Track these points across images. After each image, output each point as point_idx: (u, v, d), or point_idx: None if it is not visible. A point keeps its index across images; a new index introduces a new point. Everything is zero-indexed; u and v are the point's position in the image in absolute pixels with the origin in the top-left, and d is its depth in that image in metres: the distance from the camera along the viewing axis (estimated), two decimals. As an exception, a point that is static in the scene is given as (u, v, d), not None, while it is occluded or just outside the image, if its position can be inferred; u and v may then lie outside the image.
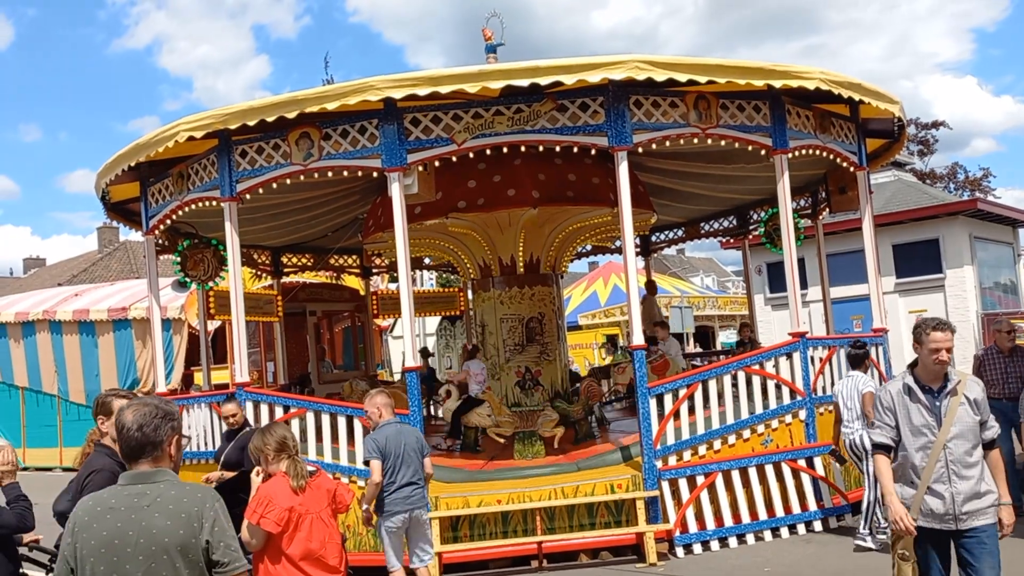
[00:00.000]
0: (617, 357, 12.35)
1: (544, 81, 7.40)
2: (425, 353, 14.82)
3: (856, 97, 8.78)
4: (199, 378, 14.27)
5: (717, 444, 8.21)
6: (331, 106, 7.56)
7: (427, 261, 15.80)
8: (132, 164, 8.86)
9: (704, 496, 7.87)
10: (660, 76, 7.57)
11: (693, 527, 7.75)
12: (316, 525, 4.33)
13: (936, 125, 40.87)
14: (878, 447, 4.35)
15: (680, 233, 14.85)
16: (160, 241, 10.95)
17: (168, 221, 9.67)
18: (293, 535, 4.25)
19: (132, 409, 2.81)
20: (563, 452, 8.94)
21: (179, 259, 11.00)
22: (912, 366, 4.34)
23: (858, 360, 7.73)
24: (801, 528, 8.05)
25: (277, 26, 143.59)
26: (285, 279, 14.44)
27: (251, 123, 7.82)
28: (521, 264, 10.57)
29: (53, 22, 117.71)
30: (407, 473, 5.97)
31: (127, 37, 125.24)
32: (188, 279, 11.18)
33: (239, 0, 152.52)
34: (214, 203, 8.73)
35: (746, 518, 7.94)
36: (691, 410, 8.29)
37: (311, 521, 4.31)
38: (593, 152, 8.84)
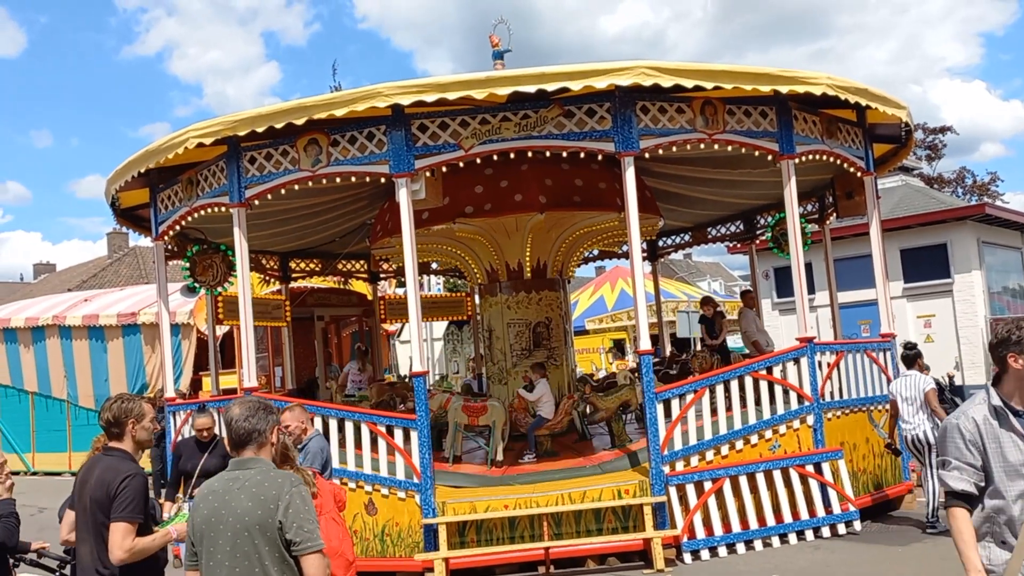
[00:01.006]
0: (621, 378, 11.02)
1: (551, 87, 7.43)
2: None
3: (863, 102, 8.78)
4: (207, 383, 14.31)
5: (725, 449, 8.20)
6: (339, 112, 7.60)
7: (434, 266, 15.83)
8: (142, 170, 8.91)
9: (712, 502, 7.85)
10: (666, 82, 7.58)
11: (701, 533, 7.74)
12: (330, 525, 4.41)
13: (944, 130, 40.76)
14: (955, 496, 3.19)
15: (687, 238, 14.84)
16: (169, 247, 11.00)
17: (177, 227, 9.72)
18: None
19: (239, 403, 3.26)
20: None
21: (188, 264, 11.07)
22: (995, 383, 3.25)
23: (911, 360, 8.30)
24: (809, 534, 8.02)
25: (287, 32, 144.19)
26: (293, 284, 14.48)
27: (260, 129, 7.87)
28: (528, 269, 10.58)
29: (64, 28, 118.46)
30: None
31: (138, 44, 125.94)
32: (197, 284, 11.24)
33: (249, 7, 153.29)
34: (223, 209, 8.77)
35: (754, 524, 7.92)
36: (699, 415, 8.28)
37: (326, 521, 4.38)
38: (600, 157, 8.85)
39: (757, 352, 11.26)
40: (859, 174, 9.92)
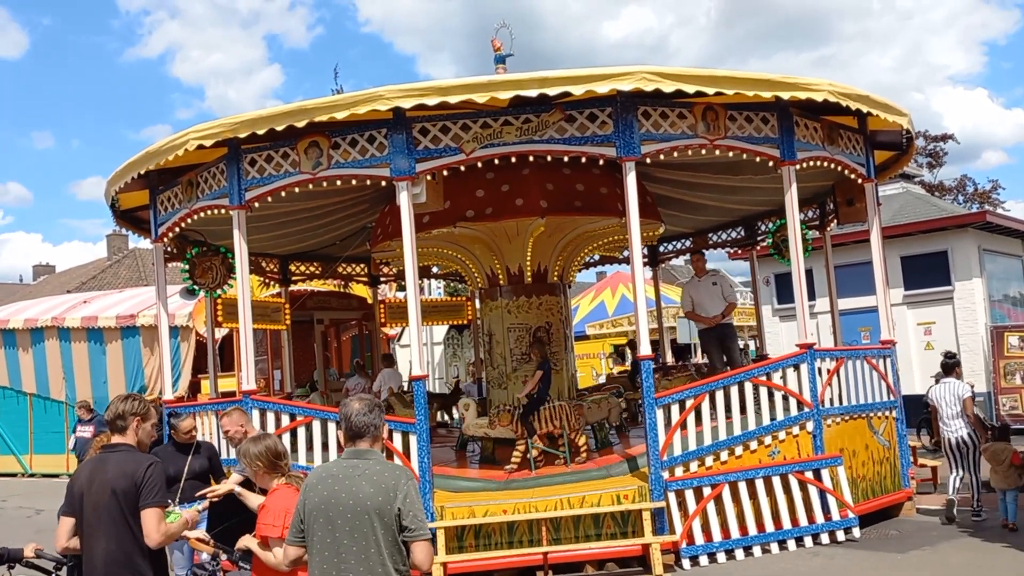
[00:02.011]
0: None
1: (552, 91, 7.43)
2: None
3: (864, 109, 8.78)
4: (206, 386, 14.30)
5: (724, 455, 8.18)
6: (340, 115, 7.60)
7: (435, 270, 15.83)
8: (142, 172, 8.91)
9: (711, 507, 7.83)
10: (668, 87, 7.58)
11: (700, 539, 7.72)
12: None
13: (945, 138, 40.81)
14: None
15: (688, 243, 14.82)
16: (169, 249, 10.99)
17: (177, 229, 9.71)
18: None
19: (357, 400, 3.62)
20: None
21: (187, 267, 11.05)
22: None
23: (950, 368, 8.96)
24: (808, 540, 8.01)
25: (290, 35, 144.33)
26: (293, 287, 14.47)
27: (260, 132, 7.86)
28: (529, 273, 10.57)
29: (67, 31, 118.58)
30: None
31: (140, 46, 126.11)
32: (196, 287, 11.23)
33: (252, 10, 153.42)
34: (223, 211, 8.76)
35: (753, 530, 7.91)
36: (698, 421, 8.27)
37: None
38: (601, 162, 8.85)
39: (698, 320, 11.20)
40: (860, 181, 9.92)
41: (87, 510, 4.15)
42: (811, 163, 8.96)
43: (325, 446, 8.21)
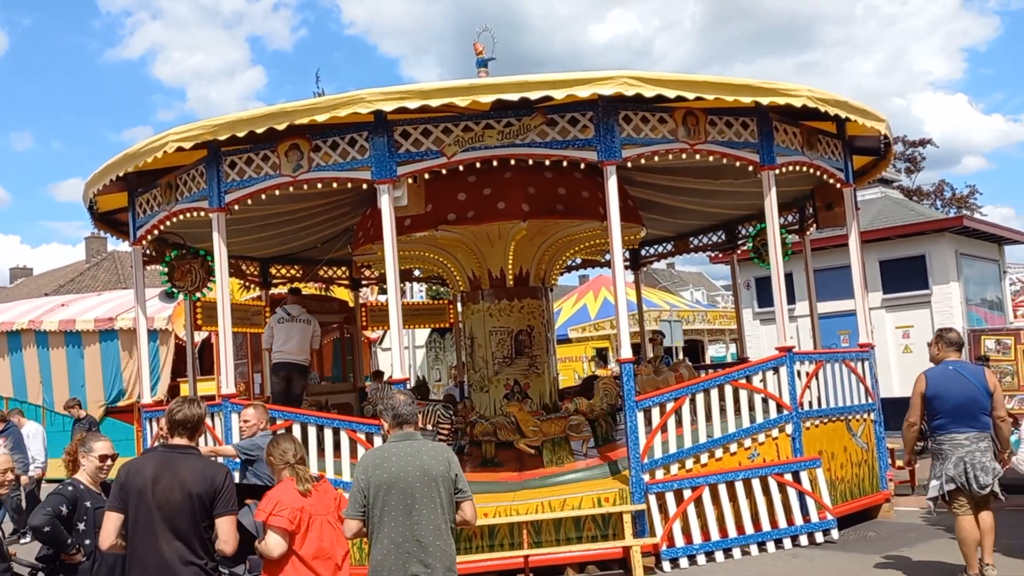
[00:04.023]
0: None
1: (534, 95, 7.44)
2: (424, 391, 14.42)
3: (843, 115, 8.87)
4: (185, 390, 14.19)
5: (704, 458, 8.22)
6: (321, 118, 7.58)
7: (417, 273, 15.77)
8: (120, 174, 8.84)
9: (691, 510, 7.87)
10: (649, 92, 7.62)
11: (680, 541, 7.75)
12: (325, 527, 4.50)
13: (923, 143, 41.27)
14: None
15: (669, 247, 14.89)
16: (147, 251, 10.91)
17: (156, 231, 9.64)
18: (305, 535, 4.41)
19: (400, 394, 4.44)
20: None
21: (166, 270, 10.96)
22: None
23: (983, 361, 9.85)
24: (787, 542, 8.06)
25: (273, 37, 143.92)
26: (274, 290, 14.39)
27: (240, 134, 7.82)
28: (511, 277, 10.58)
29: (47, 31, 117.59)
30: None
31: (121, 47, 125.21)
32: (175, 290, 11.13)
33: (235, 11, 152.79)
34: (202, 214, 8.71)
35: (732, 532, 7.95)
36: (679, 423, 8.30)
37: (320, 523, 4.47)
38: (583, 166, 8.88)
39: None
40: (839, 186, 10.01)
41: (145, 508, 4.09)
42: (790, 168, 9.04)
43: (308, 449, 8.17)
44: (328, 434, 8.16)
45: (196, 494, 4.10)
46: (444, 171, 8.21)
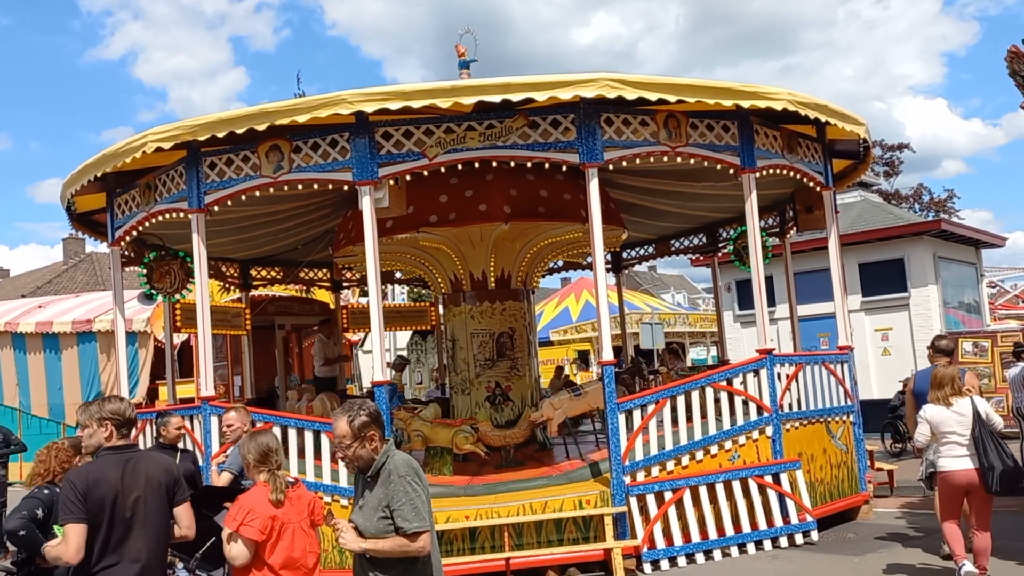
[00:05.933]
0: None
1: (516, 97, 7.44)
2: (401, 364, 14.81)
3: (822, 118, 8.93)
4: (164, 392, 14.06)
5: (685, 460, 8.24)
6: (302, 119, 7.53)
7: (398, 275, 15.75)
8: (99, 174, 8.74)
9: (672, 512, 7.88)
10: (631, 94, 7.64)
11: (661, 543, 7.76)
12: (297, 534, 4.37)
13: (902, 147, 41.68)
14: None
15: (651, 250, 14.95)
16: (126, 253, 10.80)
17: (134, 232, 9.54)
18: (276, 544, 4.26)
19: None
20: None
21: (145, 271, 10.86)
22: None
23: (1020, 354, 11.13)
24: (767, 544, 8.09)
25: (255, 38, 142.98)
26: (254, 292, 14.30)
27: (220, 135, 7.76)
28: (492, 279, 10.57)
29: (26, 30, 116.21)
30: None
31: (101, 47, 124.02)
32: (154, 291, 11.03)
33: (217, 12, 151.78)
34: (182, 215, 8.64)
35: (713, 534, 7.97)
36: (659, 425, 8.32)
37: (292, 530, 4.34)
38: (564, 168, 8.88)
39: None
40: (818, 189, 10.09)
41: (123, 511, 4.03)
42: (771, 171, 9.09)
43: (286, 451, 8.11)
44: (308, 436, 8.10)
45: (164, 485, 4.20)
46: (426, 173, 8.19)
